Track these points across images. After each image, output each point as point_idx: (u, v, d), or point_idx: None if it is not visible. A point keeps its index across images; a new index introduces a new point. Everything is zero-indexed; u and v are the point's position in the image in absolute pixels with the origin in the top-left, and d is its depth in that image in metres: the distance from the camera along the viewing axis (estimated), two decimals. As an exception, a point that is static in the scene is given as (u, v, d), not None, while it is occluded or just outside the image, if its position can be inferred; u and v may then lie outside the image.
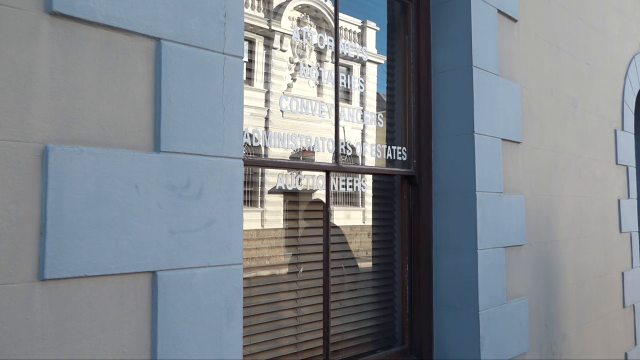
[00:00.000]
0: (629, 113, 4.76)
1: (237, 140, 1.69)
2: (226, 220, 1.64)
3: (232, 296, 1.65)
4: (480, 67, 2.75)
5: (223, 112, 1.65)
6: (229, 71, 1.67)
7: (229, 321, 1.63)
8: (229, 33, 1.68)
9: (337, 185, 2.50)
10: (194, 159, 1.57)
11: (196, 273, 1.56)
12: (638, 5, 5.18)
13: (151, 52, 1.51)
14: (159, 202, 1.48)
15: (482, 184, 2.68)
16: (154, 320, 1.46)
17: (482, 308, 2.62)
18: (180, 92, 1.55)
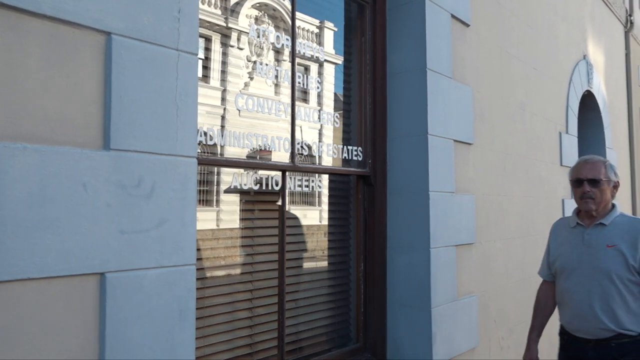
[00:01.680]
0: (572, 117, 4.99)
1: (191, 139, 1.66)
2: (179, 220, 1.61)
3: (185, 297, 1.62)
4: (434, 69, 2.81)
5: (176, 110, 1.62)
6: (183, 68, 1.64)
7: (181, 322, 1.60)
8: (183, 29, 1.65)
9: (294, 185, 2.50)
10: (145, 157, 1.53)
11: (147, 274, 1.52)
12: (582, 15, 5.44)
13: (101, 46, 1.46)
14: (108, 202, 1.44)
15: (435, 184, 2.75)
16: (102, 323, 1.42)
17: (434, 305, 2.68)
18: (132, 88, 1.51)
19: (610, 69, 6.43)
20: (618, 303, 2.24)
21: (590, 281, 2.29)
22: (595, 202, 2.33)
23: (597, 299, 2.26)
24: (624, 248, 2.25)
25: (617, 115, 6.60)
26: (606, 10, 6.29)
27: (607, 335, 2.25)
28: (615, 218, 2.34)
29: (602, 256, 2.28)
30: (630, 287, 2.24)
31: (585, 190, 2.33)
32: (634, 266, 2.24)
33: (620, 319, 2.23)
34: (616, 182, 2.37)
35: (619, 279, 2.24)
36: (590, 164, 2.39)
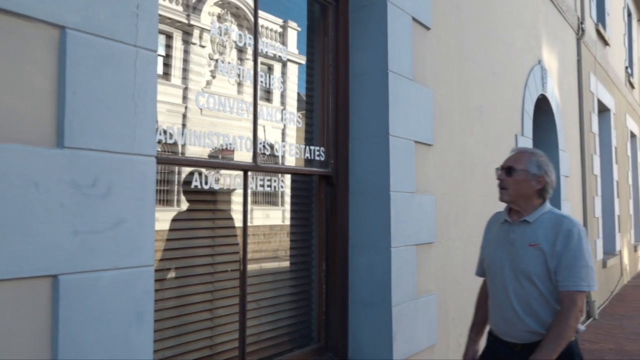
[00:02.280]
0: (528, 120, 5.16)
1: (149, 137, 1.63)
2: (137, 220, 1.57)
3: (143, 299, 1.58)
4: (396, 71, 2.85)
5: (134, 108, 1.58)
6: (142, 65, 1.61)
7: (138, 325, 1.57)
8: (141, 25, 1.61)
9: (255, 185, 2.49)
10: (101, 155, 1.49)
11: (103, 276, 1.48)
12: (537, 21, 5.63)
13: (55, 41, 1.41)
14: (62, 202, 1.39)
15: (396, 184, 2.79)
16: (55, 327, 1.37)
17: (395, 304, 2.72)
18: (87, 84, 1.47)
19: (563, 74, 6.68)
20: (541, 305, 2.09)
21: (513, 282, 2.14)
22: (507, 193, 2.17)
23: (519, 301, 2.12)
24: (545, 247, 2.08)
25: (569, 118, 6.86)
26: (559, 18, 6.53)
27: (534, 338, 2.09)
28: (541, 215, 2.15)
29: (524, 255, 2.12)
30: (550, 288, 2.08)
31: (498, 179, 2.20)
32: (552, 267, 2.07)
33: (546, 320, 2.08)
34: (539, 176, 2.14)
35: (539, 279, 2.08)
36: (515, 154, 2.24)
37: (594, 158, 8.23)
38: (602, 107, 9.23)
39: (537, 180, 2.14)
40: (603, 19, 9.48)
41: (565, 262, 2.04)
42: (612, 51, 10.32)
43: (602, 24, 9.23)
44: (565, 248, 2.04)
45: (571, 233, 2.06)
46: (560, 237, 2.06)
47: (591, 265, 2.07)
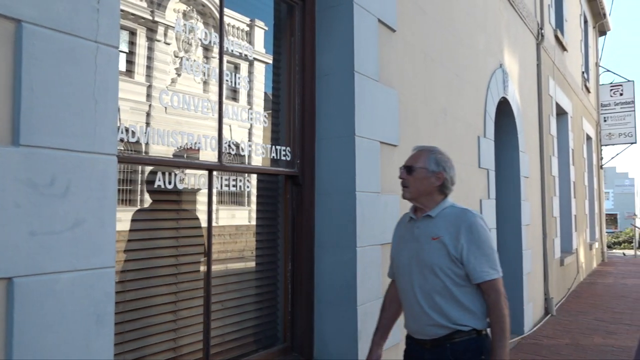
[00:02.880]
0: (490, 122, 5.29)
1: (110, 135, 1.59)
2: (97, 221, 1.53)
3: (103, 301, 1.54)
4: (362, 72, 2.88)
5: (95, 105, 1.54)
6: (103, 61, 1.57)
7: (98, 328, 1.53)
8: (102, 20, 1.57)
9: (221, 185, 2.46)
10: (59, 154, 1.44)
11: (61, 278, 1.44)
12: (499, 26, 5.78)
13: (10, 35, 1.36)
14: (17, 201, 1.34)
15: (362, 185, 2.81)
16: (9, 331, 1.32)
17: (360, 303, 2.74)
18: (45, 80, 1.42)
19: (524, 78, 6.87)
20: (445, 297, 2.09)
21: (418, 277, 2.15)
22: (409, 191, 2.21)
23: (424, 296, 2.12)
24: (447, 239, 2.10)
25: (529, 121, 7.06)
26: (520, 23, 6.72)
27: (441, 332, 2.09)
28: (443, 210, 2.18)
29: (427, 249, 2.14)
30: (455, 279, 2.09)
31: (400, 177, 2.23)
32: (456, 257, 2.08)
33: (451, 314, 2.09)
34: (438, 173, 2.18)
35: (442, 271, 2.09)
36: (415, 152, 2.27)
37: (552, 159, 8.50)
38: (560, 111, 9.55)
39: (437, 177, 2.19)
40: (561, 25, 9.81)
41: (473, 253, 2.07)
42: (570, 56, 10.69)
43: (560, 30, 9.55)
44: (469, 240, 2.08)
45: (474, 225, 2.10)
46: (463, 230, 2.09)
47: (495, 252, 2.15)
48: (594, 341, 5.98)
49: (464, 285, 2.11)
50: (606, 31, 16.51)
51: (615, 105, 15.60)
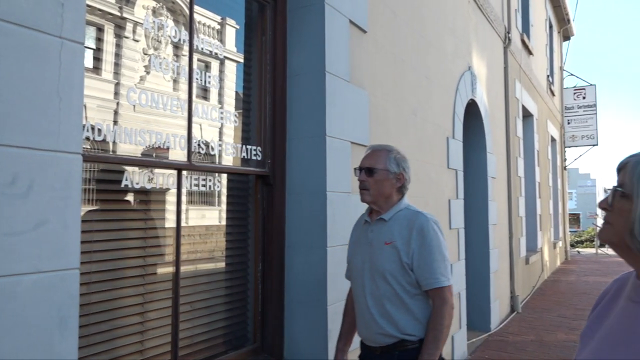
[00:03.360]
0: (458, 123, 5.38)
1: (75, 134, 1.55)
2: (61, 221, 1.49)
3: (67, 304, 1.50)
4: (333, 72, 2.89)
5: (59, 102, 1.50)
6: (67, 57, 1.53)
7: (62, 332, 1.49)
8: (67, 16, 1.53)
9: (190, 184, 2.43)
10: (21, 152, 1.40)
11: (23, 280, 1.39)
12: (467, 29, 5.88)
13: (-31, 28, 1.31)
14: (-24, 201, 1.30)
15: (332, 185, 2.82)
16: (-33, 336, 1.28)
17: (330, 303, 2.75)
18: (7, 77, 1.38)
19: (491, 80, 7.02)
20: (396, 305, 2.02)
21: (370, 283, 2.08)
22: (369, 194, 2.12)
23: (374, 302, 2.05)
24: (400, 244, 2.02)
25: (497, 123, 7.22)
26: (488, 27, 6.86)
27: (390, 341, 2.03)
28: (398, 213, 2.10)
29: (380, 254, 2.06)
30: (406, 287, 2.02)
31: (359, 179, 2.15)
32: (407, 263, 2.01)
33: (400, 323, 2.01)
34: (399, 174, 2.13)
35: (393, 278, 2.02)
36: (372, 152, 2.18)
37: (519, 161, 8.71)
38: (526, 113, 9.79)
39: (397, 178, 2.13)
40: (527, 29, 10.06)
41: (423, 259, 2.00)
42: (535, 60, 10.97)
43: (526, 34, 9.79)
44: (421, 245, 2.01)
45: (425, 229, 2.03)
46: (415, 234, 2.02)
47: (448, 259, 2.07)
48: (558, 337, 6.16)
49: (416, 293, 2.04)
50: (570, 36, 17.02)
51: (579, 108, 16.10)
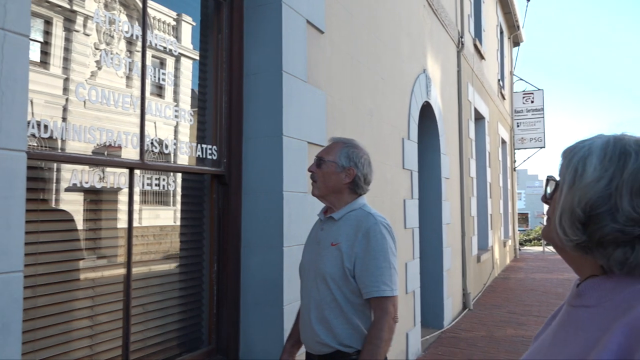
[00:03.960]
0: (413, 124, 5.49)
1: (19, 130, 1.48)
2: (3, 222, 1.42)
3: (9, 309, 1.44)
4: (290, 72, 2.88)
5: (1, 97, 1.43)
6: (10, 50, 1.46)
7: (4, 338, 1.42)
8: (10, 6, 1.46)
9: (143, 184, 2.37)
10: (-41, 149, 1.33)
11: (-40, 284, 1.32)
12: (422, 32, 6.01)
13: None
14: None
15: (289, 184, 2.81)
16: None
17: (287, 303, 2.74)
18: (-57, 69, 1.30)
19: (445, 83, 7.20)
20: (335, 312, 1.87)
21: (313, 285, 1.94)
22: (317, 187, 2.01)
23: (315, 307, 1.91)
24: (344, 247, 1.87)
25: (450, 124, 7.41)
26: (442, 31, 7.03)
27: (326, 351, 1.88)
28: (350, 212, 1.96)
29: (324, 256, 1.92)
30: (347, 294, 1.86)
31: (309, 170, 2.05)
32: (349, 269, 1.85)
33: (337, 331, 1.86)
34: (349, 169, 1.98)
35: (334, 283, 1.86)
36: (329, 144, 2.08)
37: (471, 162, 8.97)
38: (478, 115, 10.10)
39: (347, 173, 1.98)
40: (480, 35, 10.37)
41: (366, 265, 1.83)
42: (487, 65, 11.33)
43: (479, 39, 10.09)
44: (365, 250, 1.85)
45: (372, 232, 1.86)
46: (360, 237, 1.86)
47: (394, 267, 1.88)
48: (507, 332, 6.38)
49: (358, 302, 1.87)
50: (520, 42, 17.67)
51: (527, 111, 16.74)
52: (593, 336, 0.83)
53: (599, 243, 0.86)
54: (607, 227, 0.84)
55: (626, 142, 0.88)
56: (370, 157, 2.16)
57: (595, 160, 0.88)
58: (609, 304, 0.85)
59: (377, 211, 2.01)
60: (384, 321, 1.81)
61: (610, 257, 0.85)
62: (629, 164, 0.85)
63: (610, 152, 0.87)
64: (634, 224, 0.82)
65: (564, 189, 0.91)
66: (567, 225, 0.89)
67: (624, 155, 0.86)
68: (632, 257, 0.83)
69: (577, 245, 0.89)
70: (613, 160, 0.86)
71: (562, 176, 0.94)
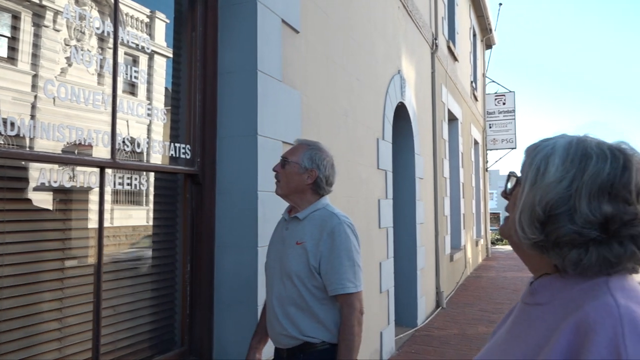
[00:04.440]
0: (388, 125, 5.53)
1: (-16, 128, 1.44)
2: (-33, 222, 1.38)
3: (-27, 311, 1.39)
4: (265, 72, 2.87)
5: (-35, 93, 1.39)
6: (-25, 45, 1.41)
7: (-33, 341, 1.38)
8: (-24, 0, 1.42)
9: (114, 183, 2.33)
10: None
11: None
12: (397, 34, 6.06)
13: None
14: None
15: (264, 184, 2.80)
16: None
17: (261, 303, 2.72)
18: None
19: (420, 84, 7.27)
20: (301, 308, 1.94)
21: (278, 282, 2.01)
22: (280, 186, 2.08)
23: (279, 303, 1.98)
24: (309, 246, 1.94)
25: (424, 125, 7.49)
26: (417, 33, 7.11)
27: (294, 343, 1.95)
28: (314, 212, 2.02)
29: (289, 254, 1.98)
30: (313, 290, 1.93)
31: (274, 170, 2.11)
32: (314, 266, 1.92)
33: (302, 326, 1.93)
34: (311, 170, 2.04)
35: (299, 280, 1.93)
36: (294, 145, 2.14)
37: (444, 162, 9.09)
38: (452, 117, 10.24)
39: (309, 175, 2.04)
40: (453, 37, 10.52)
41: (331, 263, 1.91)
42: (460, 66, 11.50)
43: (452, 42, 10.24)
44: (330, 248, 1.92)
45: (336, 232, 1.94)
46: (325, 236, 1.93)
47: (358, 264, 1.96)
48: (479, 330, 6.49)
49: (323, 298, 1.94)
50: (492, 45, 18.00)
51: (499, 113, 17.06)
52: (544, 334, 0.85)
53: (555, 243, 0.87)
54: (565, 228, 0.85)
55: (588, 144, 0.89)
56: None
57: (558, 160, 0.89)
58: (559, 302, 0.87)
59: (340, 210, 2.08)
60: (352, 317, 1.90)
61: (565, 258, 0.86)
62: (589, 167, 0.86)
63: (572, 154, 0.88)
64: (591, 226, 0.84)
65: (525, 186, 0.91)
66: (526, 223, 0.89)
67: (586, 157, 0.87)
68: (585, 259, 0.84)
69: (534, 244, 0.89)
70: (575, 162, 0.87)
71: (524, 173, 0.94)
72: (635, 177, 0.85)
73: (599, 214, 0.83)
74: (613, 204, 0.83)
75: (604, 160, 0.86)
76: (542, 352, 0.83)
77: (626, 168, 0.85)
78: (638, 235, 0.84)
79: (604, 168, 0.85)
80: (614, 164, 0.85)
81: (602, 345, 0.74)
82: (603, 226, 0.83)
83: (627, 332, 0.75)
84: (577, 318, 0.80)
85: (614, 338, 0.75)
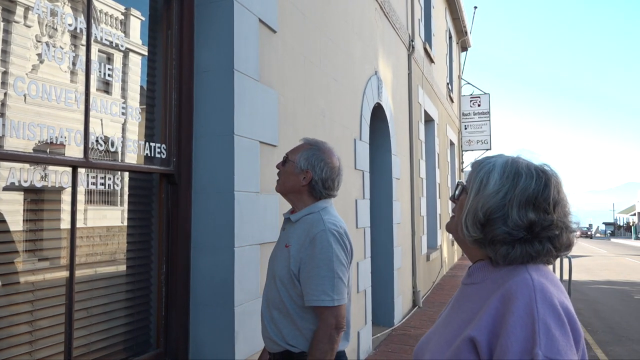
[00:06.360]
0: (365, 126, 5.56)
1: (-50, 125, 1.39)
2: None
3: (-61, 314, 1.35)
4: (242, 71, 2.85)
5: None
6: (-59, 40, 1.37)
7: None
8: (-58, -6, 1.38)
9: (87, 183, 2.28)
10: None
11: None
12: (374, 35, 6.10)
13: None
14: None
15: (241, 184, 2.79)
16: None
17: (238, 304, 2.72)
18: None
19: (397, 85, 7.33)
20: (283, 313, 1.88)
21: (269, 284, 1.99)
22: (279, 183, 2.06)
23: (267, 305, 1.95)
24: (293, 250, 1.88)
25: (401, 126, 7.55)
26: (394, 34, 7.16)
27: (277, 349, 1.91)
28: (307, 215, 1.95)
29: (278, 256, 1.96)
30: (293, 296, 1.86)
31: (276, 167, 2.09)
32: (294, 272, 1.85)
33: (284, 332, 1.88)
34: (306, 171, 1.97)
35: (282, 284, 1.88)
36: (299, 144, 2.11)
37: (421, 163, 9.18)
38: (428, 118, 10.35)
39: (304, 176, 1.98)
40: (430, 39, 10.63)
41: (307, 272, 1.82)
42: (437, 68, 11.63)
43: (429, 44, 10.35)
44: (310, 256, 1.83)
45: (318, 239, 1.84)
46: (307, 242, 1.86)
47: (339, 276, 1.83)
48: (454, 328, 6.56)
49: (302, 304, 1.86)
50: (467, 47, 18.26)
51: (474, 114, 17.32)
52: (477, 305, 1.09)
53: (491, 241, 1.10)
54: (499, 229, 1.08)
55: (519, 164, 1.12)
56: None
57: (497, 175, 1.11)
58: (490, 281, 1.11)
59: (335, 216, 1.97)
60: (322, 333, 1.80)
61: (497, 252, 1.09)
62: (520, 183, 1.09)
63: (507, 171, 1.11)
64: (519, 229, 1.07)
65: (471, 195, 1.14)
66: (469, 224, 1.12)
67: (517, 175, 1.10)
68: (512, 253, 1.08)
69: (475, 240, 1.12)
70: (509, 178, 1.10)
71: (469, 183, 1.17)
72: (553, 192, 1.09)
73: (525, 219, 1.06)
74: (536, 213, 1.07)
75: (531, 178, 1.09)
76: (476, 317, 1.05)
77: (547, 185, 1.09)
78: (554, 236, 1.08)
79: (531, 184, 1.08)
80: (538, 181, 1.09)
81: (521, 308, 0.99)
82: (528, 229, 1.07)
83: (538, 298, 0.99)
84: (503, 290, 1.04)
85: (529, 302, 0.99)
